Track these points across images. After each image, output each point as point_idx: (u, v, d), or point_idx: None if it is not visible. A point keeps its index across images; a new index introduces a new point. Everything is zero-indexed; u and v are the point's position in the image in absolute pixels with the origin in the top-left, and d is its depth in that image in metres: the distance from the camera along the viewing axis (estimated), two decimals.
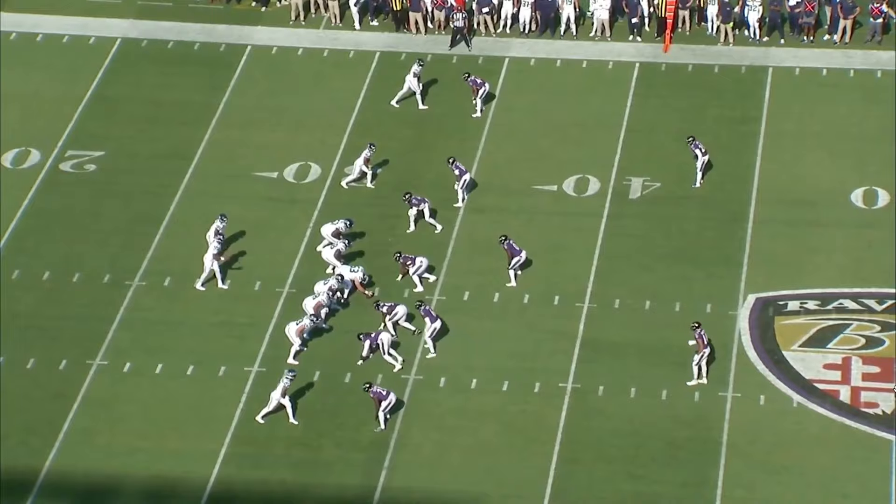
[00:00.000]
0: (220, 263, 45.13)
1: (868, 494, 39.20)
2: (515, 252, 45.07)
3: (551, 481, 39.76)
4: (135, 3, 57.85)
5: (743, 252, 46.50)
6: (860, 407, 41.66)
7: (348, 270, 44.66)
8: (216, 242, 45.21)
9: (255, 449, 40.79)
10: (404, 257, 45.09)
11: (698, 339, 41.87)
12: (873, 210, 47.92)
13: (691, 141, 48.45)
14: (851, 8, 54.84)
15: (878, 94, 52.48)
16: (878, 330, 43.79)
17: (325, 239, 45.90)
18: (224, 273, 45.44)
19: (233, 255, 46.12)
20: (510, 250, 45.05)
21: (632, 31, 55.55)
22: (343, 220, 45.96)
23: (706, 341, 41.86)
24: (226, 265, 45.52)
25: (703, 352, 41.81)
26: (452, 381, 42.43)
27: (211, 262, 45.03)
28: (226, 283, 45.24)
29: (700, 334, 41.85)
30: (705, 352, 41.83)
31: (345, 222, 45.87)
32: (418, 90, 52.26)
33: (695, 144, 48.35)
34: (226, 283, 45.24)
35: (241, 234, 47.09)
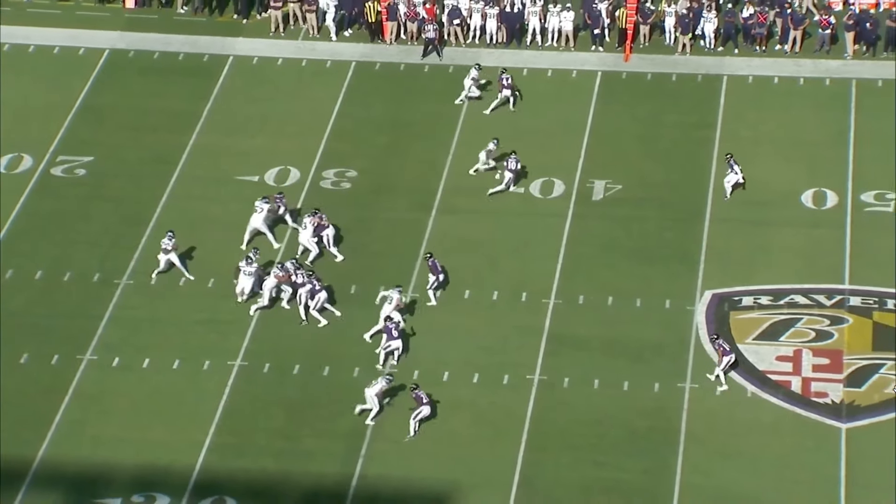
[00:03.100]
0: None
1: (819, 480, 39.27)
2: (437, 271, 44.69)
3: (519, 468, 39.75)
4: (122, 15, 57.77)
5: (700, 250, 46.55)
6: (811, 397, 41.73)
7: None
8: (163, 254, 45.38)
9: (238, 439, 40.69)
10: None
11: (718, 350, 41.76)
12: (822, 210, 48.03)
13: (729, 158, 48.27)
14: (801, 19, 55.00)
15: (826, 100, 52.64)
16: (827, 324, 43.87)
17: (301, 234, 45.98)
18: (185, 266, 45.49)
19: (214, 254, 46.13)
20: (433, 268, 44.69)
21: (594, 42, 55.60)
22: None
23: (726, 349, 41.73)
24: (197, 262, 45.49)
25: (724, 360, 41.69)
26: (425, 375, 42.37)
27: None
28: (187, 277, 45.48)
29: (720, 344, 41.76)
30: (724, 360, 41.69)
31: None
32: (476, 93, 52.34)
33: (732, 162, 48.09)
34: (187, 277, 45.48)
35: (223, 235, 46.96)
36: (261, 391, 42.16)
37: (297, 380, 42.50)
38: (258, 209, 46.26)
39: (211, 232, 46.88)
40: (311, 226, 45.86)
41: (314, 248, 45.82)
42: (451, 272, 45.37)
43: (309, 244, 45.83)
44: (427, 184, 49.24)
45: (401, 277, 45.38)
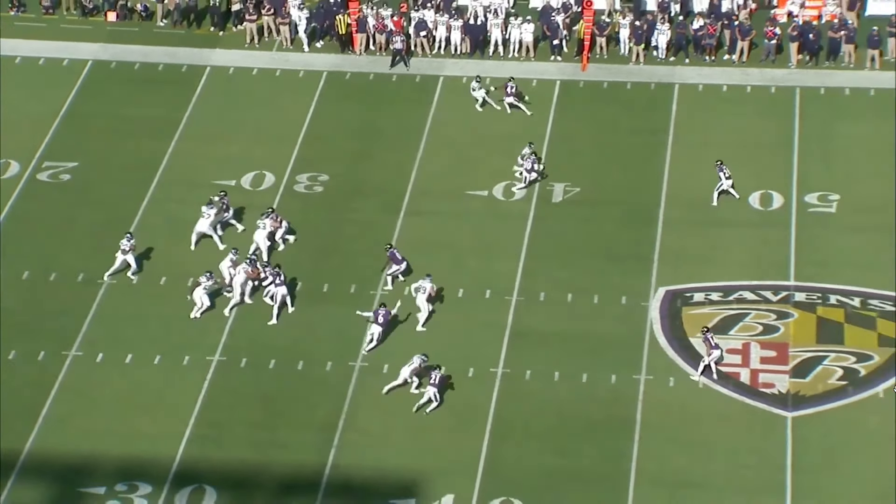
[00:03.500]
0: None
1: (766, 465, 39.37)
2: (397, 261, 44.71)
3: (484, 457, 39.73)
4: (104, 28, 57.63)
5: (653, 249, 46.62)
6: (759, 387, 41.83)
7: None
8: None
9: (216, 431, 40.59)
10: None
11: (706, 343, 41.74)
12: (769, 211, 48.17)
13: (719, 165, 48.20)
14: (748, 30, 55.15)
15: (772, 107, 52.80)
16: (774, 318, 43.98)
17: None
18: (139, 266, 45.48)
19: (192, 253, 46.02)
20: (392, 258, 44.69)
21: (553, 52, 55.65)
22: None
23: (714, 344, 41.69)
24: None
25: (713, 353, 41.65)
26: (394, 368, 42.29)
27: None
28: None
29: (708, 338, 41.72)
30: (713, 353, 41.64)
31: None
32: (483, 99, 52.44)
33: (721, 168, 48.03)
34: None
35: (202, 236, 46.80)
36: (238, 385, 42.06)
37: (272, 374, 42.40)
38: (205, 214, 46.11)
39: (189, 233, 46.70)
40: (270, 227, 45.73)
41: (264, 247, 45.62)
42: (418, 271, 45.31)
43: (262, 242, 45.69)
44: (395, 187, 49.20)
45: (371, 276, 45.36)
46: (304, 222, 47.70)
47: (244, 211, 47.84)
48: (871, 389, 41.56)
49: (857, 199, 48.31)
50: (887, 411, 40.81)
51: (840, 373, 42.10)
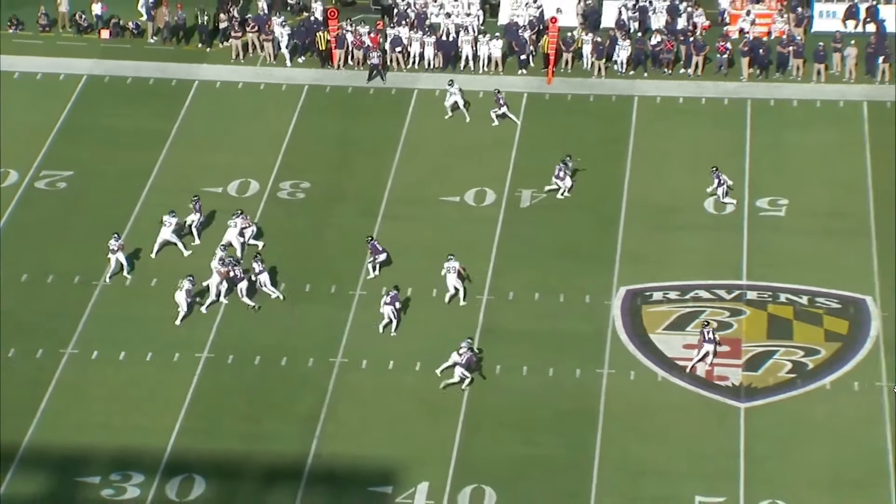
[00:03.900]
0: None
1: (721, 453, 39.46)
2: (377, 252, 45.00)
3: (457, 446, 39.75)
4: (98, 45, 57.49)
5: (615, 251, 46.70)
6: (713, 380, 41.90)
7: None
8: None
9: (205, 423, 40.52)
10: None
11: (700, 335, 41.71)
12: (723, 215, 48.27)
13: (714, 171, 48.17)
14: (702, 46, 55.33)
15: (725, 118, 52.92)
16: (727, 315, 44.08)
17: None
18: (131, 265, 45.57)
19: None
20: (373, 249, 44.96)
21: (520, 67, 55.73)
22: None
23: (706, 339, 41.62)
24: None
25: (704, 346, 41.63)
26: (373, 364, 42.35)
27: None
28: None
29: (704, 332, 41.72)
30: (705, 346, 41.64)
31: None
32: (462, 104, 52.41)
33: (717, 175, 48.01)
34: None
35: (191, 240, 46.75)
36: (225, 380, 42.01)
37: (257, 370, 42.36)
38: (166, 223, 46.06)
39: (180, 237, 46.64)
40: (240, 225, 45.85)
41: (238, 244, 45.66)
42: (395, 272, 45.35)
43: (234, 240, 45.82)
44: (373, 193, 49.21)
45: (350, 276, 45.36)
46: (287, 227, 47.68)
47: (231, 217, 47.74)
48: (819, 382, 41.70)
49: (804, 203, 48.47)
50: (834, 402, 40.98)
51: (789, 366, 42.23)
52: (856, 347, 42.71)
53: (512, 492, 38.40)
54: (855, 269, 45.44)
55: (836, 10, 57.92)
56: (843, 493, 38.27)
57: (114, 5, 58.51)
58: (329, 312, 44.17)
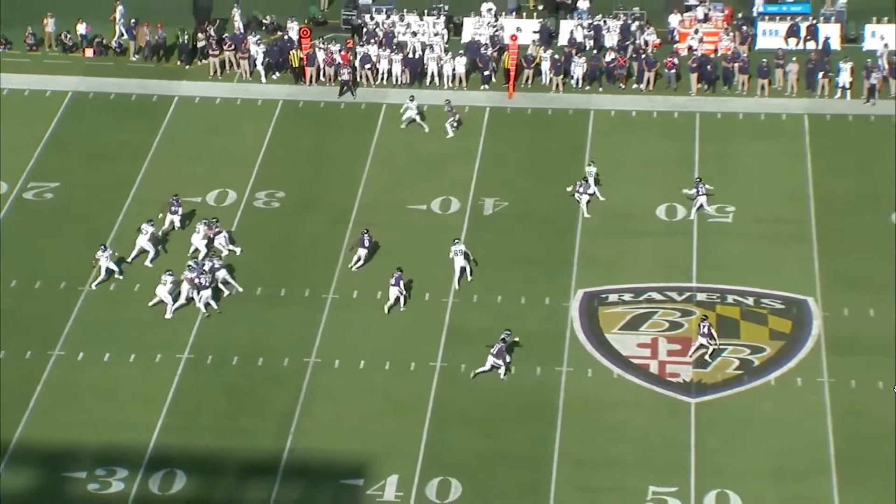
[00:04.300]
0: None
1: (673, 446, 39.53)
2: (362, 245, 45.37)
3: (424, 441, 39.71)
4: (83, 63, 57.25)
5: (573, 256, 46.73)
6: (666, 377, 41.98)
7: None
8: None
9: (186, 420, 40.37)
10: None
11: (697, 331, 41.80)
12: (674, 222, 48.36)
13: (698, 182, 48.18)
14: (653, 63, 55.46)
15: (675, 130, 53.00)
16: (679, 315, 44.17)
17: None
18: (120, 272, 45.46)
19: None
20: (360, 241, 45.34)
21: (483, 82, 55.75)
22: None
23: (703, 332, 41.69)
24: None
25: (698, 339, 41.67)
26: (345, 363, 42.28)
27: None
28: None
29: (700, 325, 41.80)
30: (699, 339, 41.69)
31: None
32: (418, 118, 52.37)
33: (699, 185, 47.96)
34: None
35: (172, 248, 46.57)
36: (205, 379, 41.86)
37: (235, 369, 42.22)
38: (143, 231, 45.96)
39: (159, 246, 46.48)
40: (203, 232, 45.74)
41: (203, 249, 45.65)
42: (365, 277, 45.30)
43: (199, 245, 45.78)
44: (344, 202, 49.13)
45: (323, 281, 45.28)
46: (263, 234, 47.56)
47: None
48: (764, 378, 41.83)
49: (750, 210, 48.61)
50: (778, 397, 41.11)
51: (737, 363, 42.33)
52: (798, 346, 42.85)
53: (476, 484, 38.38)
54: (797, 272, 45.59)
55: (778, 28, 58.16)
56: (788, 483, 38.39)
57: (98, 25, 58.26)
58: (303, 315, 44.07)
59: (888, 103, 53.74)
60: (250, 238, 47.23)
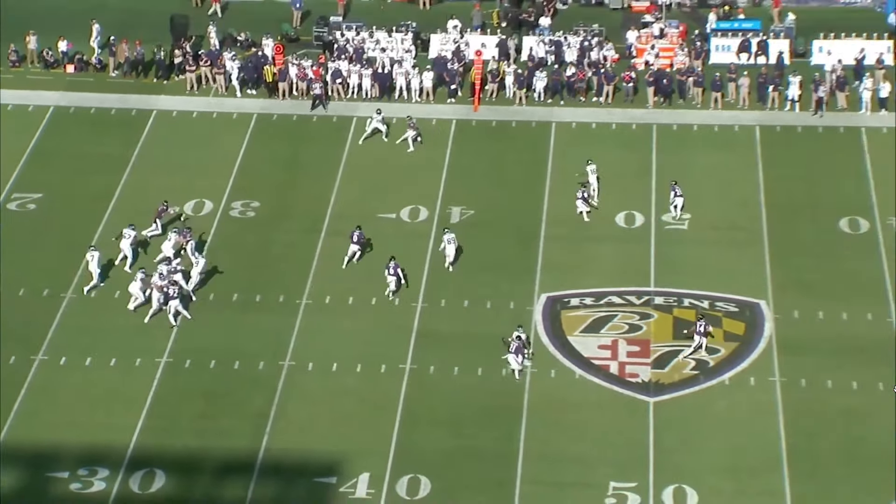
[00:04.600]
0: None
1: (632, 443, 39.57)
2: (353, 242, 45.80)
3: (395, 440, 39.64)
4: (64, 78, 56.98)
5: (537, 261, 46.76)
6: (625, 377, 42.03)
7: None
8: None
9: (165, 422, 40.18)
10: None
11: (693, 328, 42.06)
12: (632, 229, 48.47)
13: (673, 185, 48.42)
14: (612, 77, 55.60)
15: (633, 141, 53.09)
16: (637, 318, 44.24)
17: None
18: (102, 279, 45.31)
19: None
20: (351, 237, 45.75)
21: (450, 96, 55.76)
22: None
23: (700, 331, 41.91)
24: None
25: (696, 338, 41.83)
26: (318, 366, 42.18)
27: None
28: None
29: (697, 324, 42.10)
30: (696, 338, 41.84)
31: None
32: (384, 130, 52.31)
33: (673, 188, 48.23)
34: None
35: (151, 256, 46.37)
36: (183, 382, 41.68)
37: (213, 372, 42.06)
38: (126, 235, 45.84)
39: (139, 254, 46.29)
40: (175, 239, 45.68)
41: (171, 256, 45.46)
42: (337, 282, 45.23)
43: (168, 252, 45.63)
44: (317, 211, 49.04)
45: (297, 287, 45.18)
46: (239, 242, 47.42)
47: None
48: (719, 378, 41.92)
49: (704, 218, 48.73)
50: (732, 396, 41.23)
51: (693, 364, 42.41)
52: (751, 347, 42.98)
53: (445, 480, 38.33)
54: (750, 276, 45.75)
55: (730, 44, 58.42)
56: (742, 478, 38.49)
57: (78, 43, 58.02)
58: (278, 320, 43.94)
59: (835, 115, 54.03)
60: (227, 246, 47.08)
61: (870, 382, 41.37)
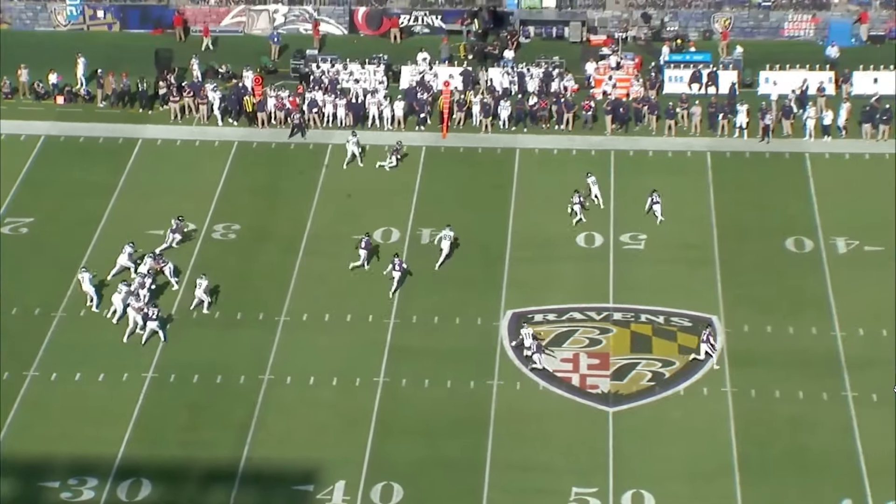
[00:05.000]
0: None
1: (593, 451, 39.63)
2: (362, 248, 46.15)
3: (369, 449, 39.61)
4: (54, 109, 56.79)
5: (503, 279, 46.82)
6: (586, 389, 42.08)
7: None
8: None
9: (151, 434, 40.03)
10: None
11: (702, 336, 42.43)
12: (592, 248, 48.57)
13: (651, 193, 49.10)
14: (571, 105, 55.83)
15: (593, 166, 53.00)
16: (597, 333, 44.32)
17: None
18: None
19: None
20: (367, 246, 46.14)
21: (419, 124, 55.85)
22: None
23: (704, 339, 42.31)
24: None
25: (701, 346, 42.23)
26: (296, 380, 42.10)
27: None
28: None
29: (707, 334, 42.44)
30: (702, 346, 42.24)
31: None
32: (358, 153, 52.35)
33: (654, 198, 49.09)
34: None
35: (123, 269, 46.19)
36: (168, 396, 41.54)
37: (196, 386, 41.93)
38: (124, 251, 45.82)
39: (126, 276, 46.13)
40: (150, 264, 45.57)
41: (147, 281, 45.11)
42: (311, 301, 45.19)
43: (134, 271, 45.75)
44: (295, 233, 48.99)
45: (276, 305, 45.11)
46: (221, 263, 47.31)
47: (173, 255, 47.26)
48: (674, 388, 42.05)
49: (660, 238, 48.90)
50: (687, 406, 41.36)
51: (649, 376, 42.54)
52: (704, 359, 43.13)
53: (417, 488, 38.30)
54: (703, 293, 45.93)
55: (682, 75, 58.75)
56: (697, 483, 38.60)
57: (68, 75, 57.89)
58: (258, 336, 43.87)
59: (780, 141, 54.39)
60: (209, 267, 46.91)
61: (815, 392, 41.59)
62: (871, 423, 40.29)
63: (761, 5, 63.01)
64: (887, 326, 44.01)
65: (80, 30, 63.27)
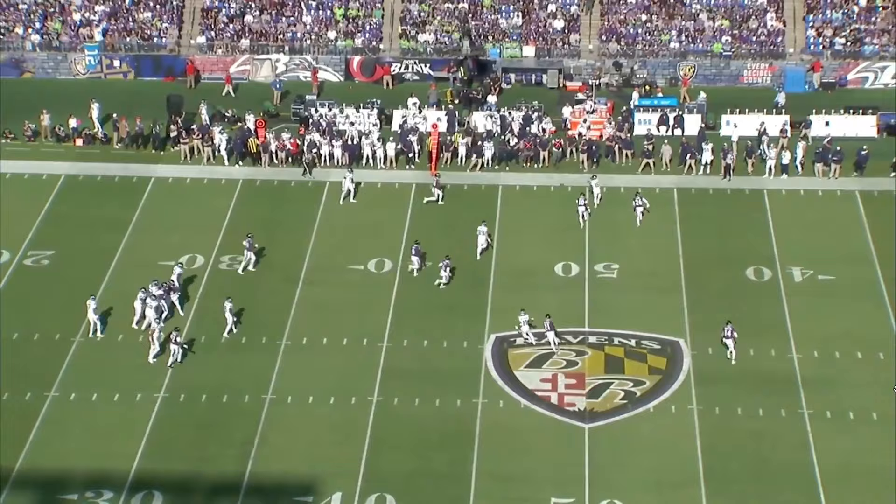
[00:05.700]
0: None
1: (570, 463, 39.61)
2: (412, 253, 47.16)
3: (364, 463, 39.52)
4: (74, 150, 56.82)
5: (486, 305, 46.84)
6: (564, 406, 42.07)
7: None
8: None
9: (162, 449, 39.93)
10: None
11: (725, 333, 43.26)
12: (569, 277, 48.63)
13: (637, 195, 50.39)
14: (545, 144, 55.96)
15: (569, 201, 53.16)
16: (574, 355, 44.33)
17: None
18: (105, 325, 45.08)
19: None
20: (417, 252, 47.28)
21: (409, 163, 55.95)
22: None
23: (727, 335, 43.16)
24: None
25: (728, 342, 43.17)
26: (296, 399, 42.02)
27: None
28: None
29: (724, 329, 43.29)
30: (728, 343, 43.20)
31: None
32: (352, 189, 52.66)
33: (638, 199, 50.43)
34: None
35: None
36: (178, 414, 41.44)
37: (204, 405, 41.84)
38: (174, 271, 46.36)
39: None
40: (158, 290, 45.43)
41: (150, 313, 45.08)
42: (310, 327, 45.14)
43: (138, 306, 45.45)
44: (295, 263, 48.99)
45: (277, 330, 45.04)
46: (227, 291, 47.12)
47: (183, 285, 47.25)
48: (645, 406, 42.05)
49: (631, 268, 48.97)
50: (656, 422, 41.36)
51: (622, 394, 42.53)
52: (672, 379, 43.17)
53: (408, 498, 38.23)
54: (670, 318, 46.00)
55: (651, 118, 58.91)
56: (666, 493, 38.59)
57: (86, 120, 57.94)
58: (261, 359, 43.80)
59: (741, 179, 54.60)
60: (216, 295, 46.86)
61: (774, 409, 41.65)
62: (825, 437, 40.35)
63: (723, 55, 63.42)
64: (840, 348, 44.11)
65: (97, 78, 63.40)
